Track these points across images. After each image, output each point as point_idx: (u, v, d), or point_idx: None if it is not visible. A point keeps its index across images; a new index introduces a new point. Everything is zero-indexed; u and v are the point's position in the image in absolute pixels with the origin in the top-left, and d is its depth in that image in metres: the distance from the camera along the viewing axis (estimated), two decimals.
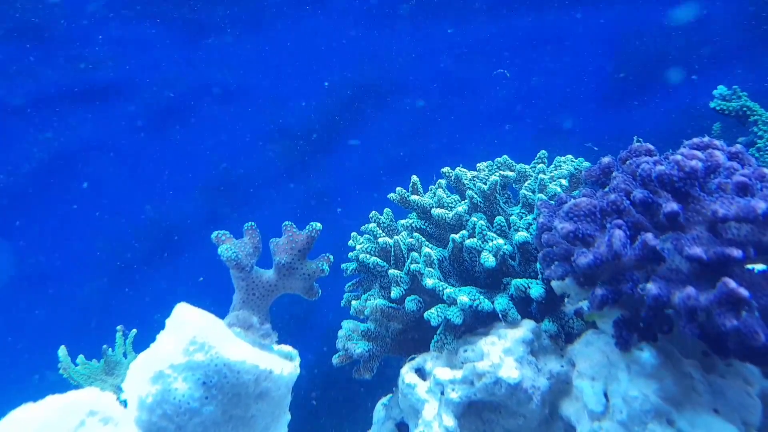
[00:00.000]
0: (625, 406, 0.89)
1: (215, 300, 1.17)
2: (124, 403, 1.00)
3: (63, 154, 2.15)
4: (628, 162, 1.08)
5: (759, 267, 0.90)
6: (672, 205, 0.88)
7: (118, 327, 1.39)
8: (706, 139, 1.05)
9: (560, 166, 1.29)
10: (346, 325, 1.23)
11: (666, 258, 0.90)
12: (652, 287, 0.87)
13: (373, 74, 2.45)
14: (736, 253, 0.85)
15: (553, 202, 1.12)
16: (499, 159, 1.33)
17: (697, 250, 0.86)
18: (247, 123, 2.37)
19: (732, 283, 0.81)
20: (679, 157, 0.94)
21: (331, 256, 1.20)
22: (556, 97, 2.37)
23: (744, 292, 0.81)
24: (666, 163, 0.95)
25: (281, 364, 1.04)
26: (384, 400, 1.32)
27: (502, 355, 1.03)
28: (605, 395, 0.94)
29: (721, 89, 1.77)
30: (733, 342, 0.90)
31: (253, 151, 2.39)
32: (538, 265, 1.08)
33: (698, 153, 0.95)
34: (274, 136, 2.41)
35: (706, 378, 0.90)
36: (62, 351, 1.32)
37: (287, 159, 2.42)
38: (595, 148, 2.18)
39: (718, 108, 1.72)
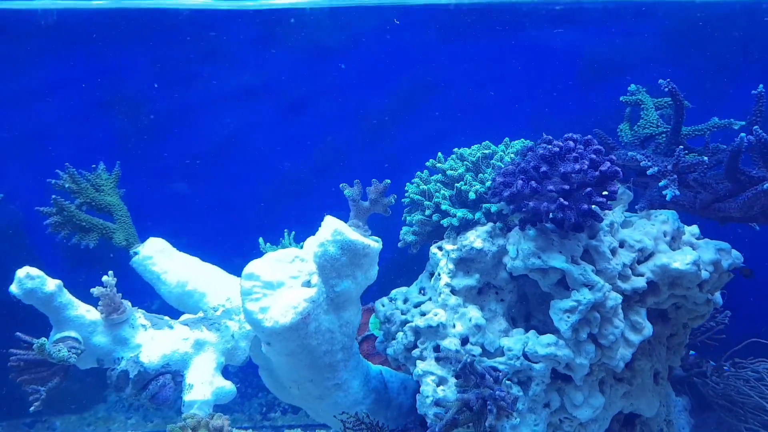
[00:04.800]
0: (521, 252, 2.04)
1: (323, 216, 2.29)
2: None
3: (234, 134, 3.50)
4: (538, 144, 2.20)
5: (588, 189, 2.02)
6: (544, 167, 1.99)
7: (285, 230, 2.63)
8: (569, 135, 2.12)
9: (513, 146, 2.41)
10: (404, 228, 2.40)
11: (540, 191, 2.02)
12: (530, 203, 1.98)
13: (423, 76, 3.62)
14: (567, 186, 1.97)
15: (502, 166, 2.25)
16: (484, 143, 2.45)
17: (551, 188, 1.98)
18: (342, 110, 3.62)
19: (564, 201, 1.94)
20: (550, 145, 2.05)
21: (395, 196, 2.39)
22: (544, 89, 3.53)
23: (566, 202, 1.93)
24: (546, 148, 2.07)
25: (373, 242, 2.22)
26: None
27: (475, 237, 2.19)
28: (517, 250, 2.10)
29: (632, 87, 2.59)
30: (567, 224, 2.03)
31: (347, 129, 3.65)
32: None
33: (560, 143, 2.05)
34: (360, 119, 3.66)
35: (560, 240, 2.04)
36: (261, 240, 2.58)
37: (367, 134, 3.66)
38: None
39: (623, 99, 2.56)
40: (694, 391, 2.64)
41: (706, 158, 2.10)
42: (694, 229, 2.27)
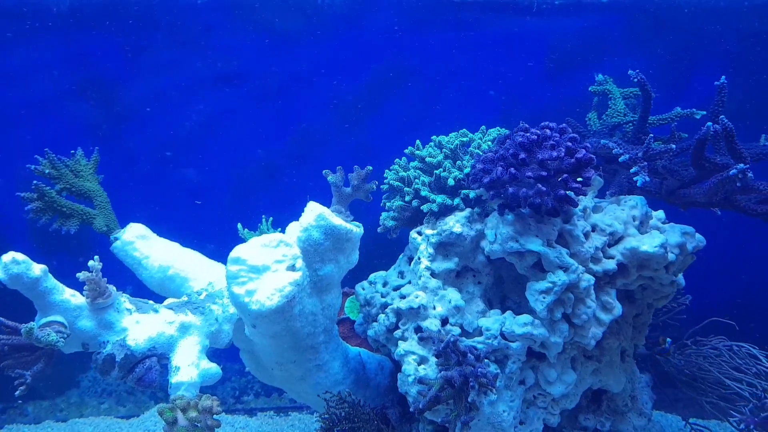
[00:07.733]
0: (500, 236, 2.13)
1: (298, 203, 2.33)
2: None
3: (209, 118, 3.50)
4: (515, 132, 2.29)
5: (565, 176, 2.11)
6: (522, 155, 2.07)
7: (263, 216, 2.65)
8: (545, 123, 2.22)
9: (490, 133, 2.49)
10: (384, 214, 2.46)
11: (519, 177, 2.11)
12: (509, 189, 2.07)
13: (398, 64, 3.68)
14: (545, 173, 2.06)
15: (480, 153, 2.33)
16: (461, 130, 2.53)
17: (530, 174, 2.07)
18: (317, 97, 3.65)
19: (542, 187, 2.03)
20: (528, 133, 2.14)
21: (377, 182, 2.44)
22: (512, 78, 3.64)
23: (544, 188, 2.02)
24: (524, 136, 2.15)
25: (355, 227, 2.28)
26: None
27: (455, 222, 2.27)
28: (495, 234, 2.18)
29: (599, 77, 2.71)
30: (543, 209, 2.12)
31: (321, 116, 3.69)
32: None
33: (537, 131, 2.13)
34: (334, 106, 3.70)
35: (537, 224, 2.13)
36: (239, 226, 2.60)
37: (343, 121, 3.71)
38: None
39: (592, 89, 2.67)
40: (656, 368, 2.78)
41: (674, 146, 2.21)
42: (660, 213, 2.38)
